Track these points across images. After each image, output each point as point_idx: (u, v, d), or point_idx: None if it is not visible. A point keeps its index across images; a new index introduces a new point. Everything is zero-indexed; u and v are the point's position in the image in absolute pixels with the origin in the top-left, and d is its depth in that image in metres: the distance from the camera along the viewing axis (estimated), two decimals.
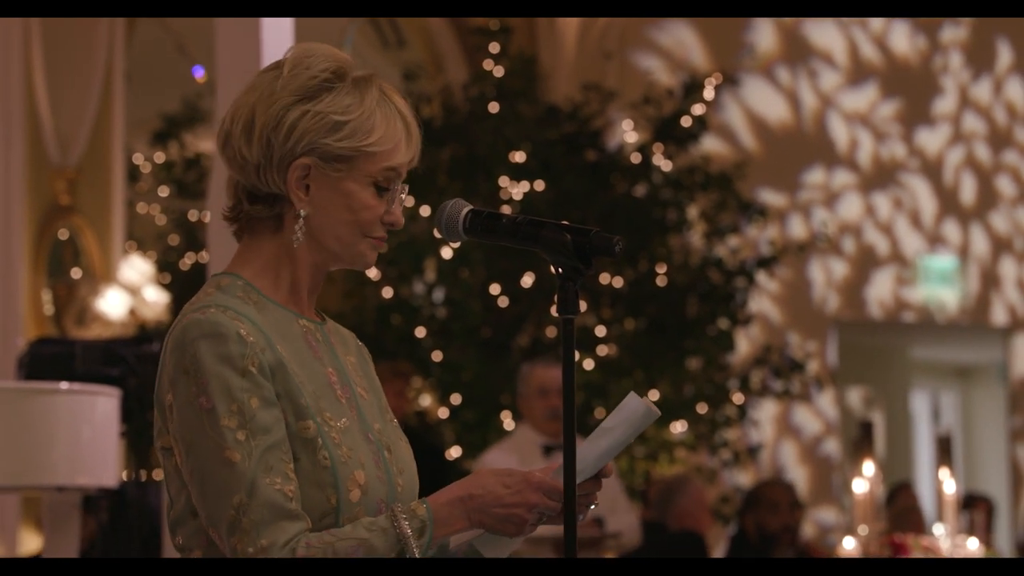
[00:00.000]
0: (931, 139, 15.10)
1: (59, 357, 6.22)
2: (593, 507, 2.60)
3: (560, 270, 2.54)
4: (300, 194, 2.58)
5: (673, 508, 7.85)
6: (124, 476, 7.19)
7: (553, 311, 11.22)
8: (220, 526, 2.45)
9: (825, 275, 14.42)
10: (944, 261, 15.15)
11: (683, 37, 13.61)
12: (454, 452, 9.96)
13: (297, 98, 2.56)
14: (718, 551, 10.82)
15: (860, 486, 7.48)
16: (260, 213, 2.61)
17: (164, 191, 13.09)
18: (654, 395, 10.07)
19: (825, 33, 14.51)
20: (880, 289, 14.78)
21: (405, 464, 2.65)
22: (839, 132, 14.60)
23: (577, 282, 2.53)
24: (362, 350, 2.76)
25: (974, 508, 9.14)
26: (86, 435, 5.43)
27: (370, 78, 2.61)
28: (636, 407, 2.54)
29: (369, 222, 2.61)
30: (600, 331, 10.38)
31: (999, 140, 15.48)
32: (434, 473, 2.50)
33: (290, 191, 2.57)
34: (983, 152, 15.39)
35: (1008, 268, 15.47)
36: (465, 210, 2.61)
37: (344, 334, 2.74)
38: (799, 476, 13.74)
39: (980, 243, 15.33)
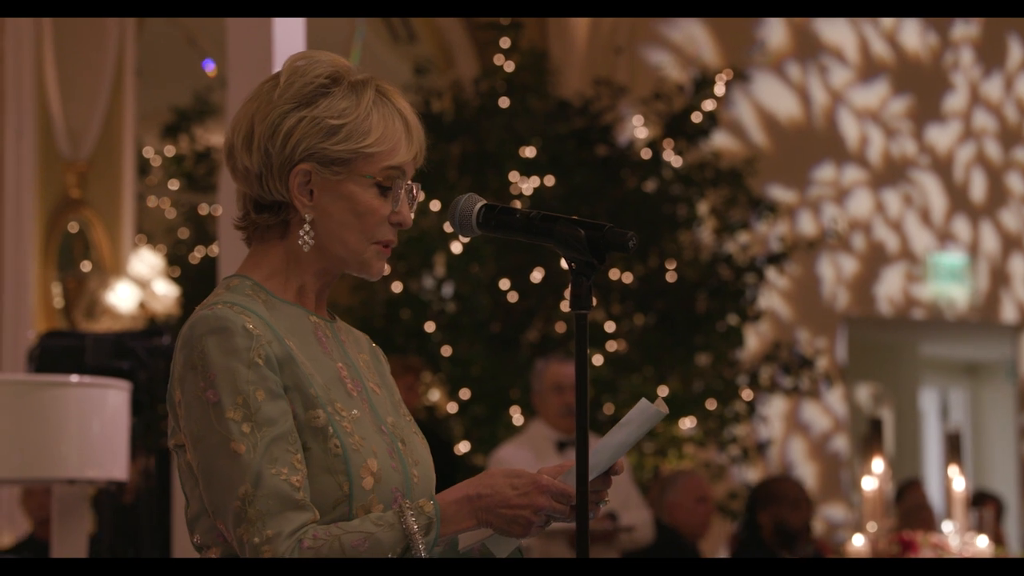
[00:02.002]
0: (941, 136, 15.09)
1: (69, 350, 6.22)
2: (603, 505, 2.61)
3: (573, 265, 2.53)
4: (304, 200, 2.59)
5: (664, 502, 7.86)
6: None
7: (563, 306, 11.29)
8: (227, 518, 2.46)
9: (835, 272, 14.41)
10: (954, 258, 15.13)
11: (694, 33, 13.60)
12: (463, 447, 9.97)
13: (293, 105, 2.57)
14: (720, 546, 10.81)
15: (869, 483, 7.48)
16: (267, 221, 2.62)
17: (174, 185, 13.11)
18: (663, 391, 10.07)
19: (836, 29, 14.50)
20: (890, 286, 14.77)
21: (420, 456, 2.65)
22: (849, 128, 14.58)
23: (590, 277, 2.53)
24: (376, 351, 2.77)
25: (983, 506, 9.13)
26: (96, 428, 5.43)
27: (367, 81, 2.61)
28: (645, 408, 2.55)
29: (374, 224, 2.61)
30: (610, 327, 10.38)
31: (1009, 137, 15.46)
32: (443, 468, 2.51)
33: (293, 197, 2.58)
34: (993, 149, 15.37)
35: (1018, 265, 15.45)
36: (479, 205, 2.61)
37: (357, 336, 2.75)
38: (808, 473, 13.74)
39: (990, 240, 15.31)
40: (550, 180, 10.28)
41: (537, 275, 10.14)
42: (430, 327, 10.14)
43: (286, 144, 2.57)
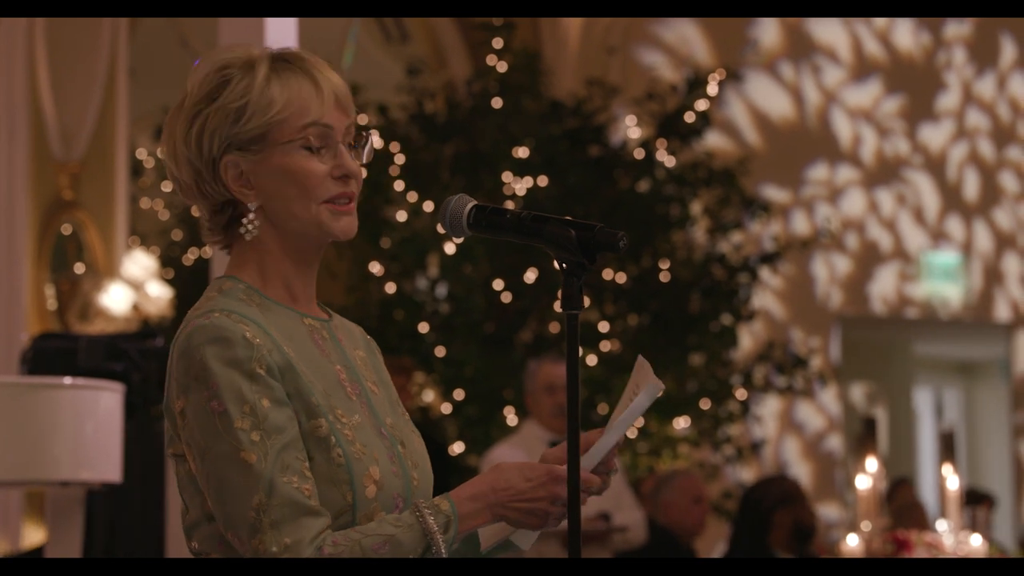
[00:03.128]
0: (934, 135, 15.10)
1: (62, 352, 6.21)
2: (613, 474, 2.60)
3: (564, 266, 2.53)
4: (244, 190, 2.57)
5: (659, 502, 7.85)
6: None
7: (556, 307, 11.26)
8: (240, 529, 2.43)
9: (828, 271, 14.42)
10: (947, 257, 15.15)
11: (686, 33, 13.60)
12: (457, 448, 9.96)
13: (200, 107, 2.58)
14: (716, 545, 10.81)
15: (863, 482, 7.48)
16: (224, 221, 2.61)
17: (167, 186, 13.08)
18: None
19: (828, 29, 14.51)
20: (883, 285, 14.78)
21: (419, 457, 2.64)
22: (842, 128, 14.59)
23: (581, 278, 2.53)
24: (370, 343, 2.75)
25: (977, 504, 9.14)
26: (89, 430, 5.43)
27: (259, 56, 2.59)
28: (650, 383, 2.55)
29: (315, 185, 2.56)
30: (603, 327, 10.38)
31: (1002, 136, 15.47)
32: (436, 469, 2.50)
33: (233, 191, 2.57)
34: (986, 148, 15.39)
35: (1011, 264, 15.46)
36: (469, 205, 2.60)
37: (351, 328, 2.73)
38: (802, 472, 13.75)
39: (983, 239, 15.32)
40: (543, 180, 10.28)
41: (531, 275, 10.14)
42: (424, 328, 10.13)
43: (201, 143, 2.56)
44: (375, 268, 10.25)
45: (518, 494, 2.50)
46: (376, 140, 2.72)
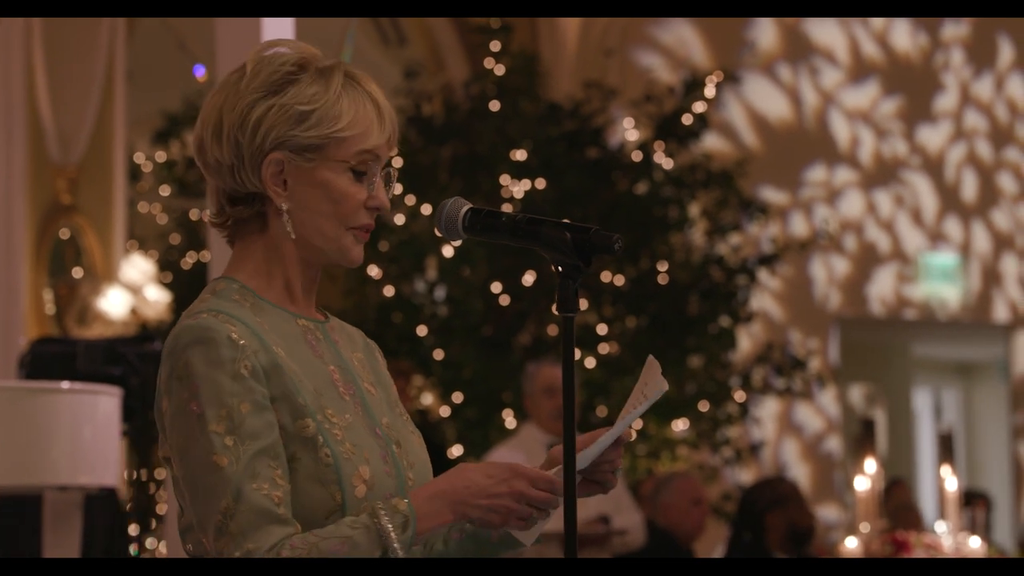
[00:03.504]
0: (932, 136, 15.10)
1: (60, 356, 6.22)
2: (618, 473, 2.60)
3: (560, 268, 2.53)
4: (278, 189, 2.56)
5: (659, 504, 7.85)
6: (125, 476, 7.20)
7: (555, 309, 11.27)
8: (208, 530, 2.44)
9: (826, 272, 14.42)
10: (945, 258, 15.15)
11: (684, 35, 13.61)
12: (456, 450, 9.96)
13: (261, 94, 2.54)
14: (716, 547, 10.81)
15: (862, 484, 7.48)
16: (243, 214, 2.59)
17: (165, 190, 13.09)
18: None
19: (826, 30, 14.51)
20: (882, 286, 14.78)
21: (416, 457, 2.63)
22: (840, 129, 14.59)
23: (577, 280, 2.52)
24: (370, 346, 2.74)
25: (975, 505, 9.14)
26: (88, 434, 5.43)
27: (335, 66, 2.58)
28: (656, 381, 2.55)
29: (350, 210, 2.57)
30: (602, 329, 10.38)
31: (1000, 137, 15.48)
32: (435, 470, 2.50)
33: (267, 187, 2.55)
34: (984, 149, 15.39)
35: (1009, 265, 15.47)
36: (464, 208, 2.60)
37: (351, 331, 2.72)
38: (801, 474, 13.74)
39: (981, 240, 15.33)
40: (541, 183, 10.28)
41: (529, 278, 10.14)
42: (422, 331, 10.14)
43: (256, 133, 2.53)
44: (373, 271, 10.25)
45: (479, 491, 2.48)
46: None
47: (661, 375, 2.55)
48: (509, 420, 9.86)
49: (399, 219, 10.22)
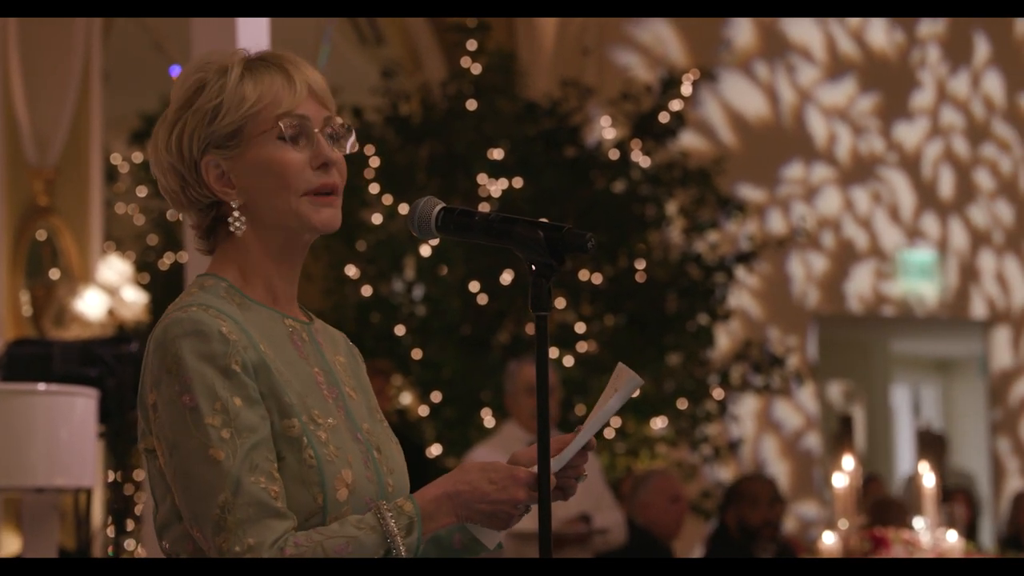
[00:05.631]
0: (909, 133, 15.13)
1: (37, 358, 6.20)
2: (581, 480, 2.60)
3: (533, 267, 2.53)
4: (226, 189, 2.58)
5: (636, 502, 7.87)
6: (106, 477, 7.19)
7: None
8: (205, 526, 2.43)
9: (804, 270, 14.45)
10: (923, 255, 15.18)
11: (661, 33, 13.62)
12: (435, 450, 9.96)
13: (179, 114, 2.60)
14: (695, 546, 10.83)
15: (840, 480, 7.50)
16: (207, 222, 2.63)
17: (142, 191, 13.06)
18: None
19: (803, 28, 14.54)
20: (860, 283, 14.81)
21: (395, 464, 2.64)
22: (817, 127, 14.62)
23: (550, 279, 2.53)
24: (353, 351, 2.75)
25: (954, 501, 9.16)
26: (64, 436, 5.41)
27: (231, 59, 2.60)
28: (626, 375, 2.55)
29: (293, 175, 2.57)
30: (580, 327, 10.38)
31: (977, 134, 15.51)
32: (414, 471, 2.50)
33: (216, 192, 2.59)
34: (961, 146, 15.43)
35: (987, 261, 15.51)
36: (437, 208, 2.60)
37: (334, 334, 2.73)
38: (780, 471, 13.77)
39: (959, 236, 15.36)
40: (519, 182, 10.29)
41: (507, 277, 10.14)
42: (400, 330, 10.13)
43: (182, 147, 2.58)
44: (351, 271, 10.24)
45: (482, 496, 2.50)
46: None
47: (632, 372, 2.56)
48: (488, 419, 9.86)
49: (377, 219, 10.22)
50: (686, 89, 10.88)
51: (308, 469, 2.48)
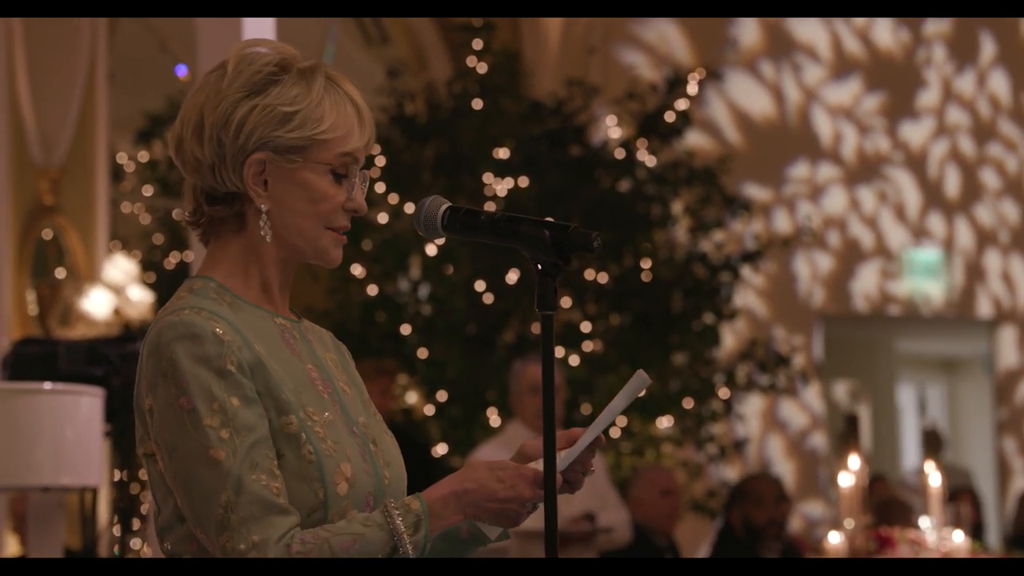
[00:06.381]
0: (915, 132, 15.12)
1: (43, 357, 6.20)
2: (588, 475, 2.61)
3: (539, 266, 2.53)
4: (259, 190, 2.56)
5: (630, 499, 7.87)
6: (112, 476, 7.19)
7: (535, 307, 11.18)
8: (208, 526, 2.43)
9: (810, 269, 14.44)
10: (929, 254, 15.17)
11: (666, 32, 13.61)
12: (440, 449, 9.96)
13: (243, 94, 2.54)
14: (701, 545, 10.82)
15: (846, 479, 7.49)
16: (221, 213, 2.59)
17: (148, 190, 13.06)
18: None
19: (808, 27, 14.53)
20: (865, 282, 14.80)
21: (391, 457, 2.64)
22: (823, 126, 14.61)
23: (556, 278, 2.53)
24: (340, 347, 2.76)
25: (959, 501, 9.16)
26: (70, 435, 5.42)
27: (316, 67, 2.59)
28: (636, 381, 2.56)
29: (330, 211, 2.59)
30: (585, 327, 10.38)
31: (983, 133, 15.50)
32: (420, 468, 2.50)
33: (248, 188, 2.56)
34: (967, 145, 15.42)
35: (993, 260, 15.49)
36: (443, 207, 2.60)
37: (321, 332, 2.74)
38: (786, 470, 13.76)
39: (965, 236, 15.35)
40: (524, 181, 10.28)
41: (512, 276, 10.14)
42: (406, 330, 10.13)
43: (239, 133, 2.54)
44: (356, 270, 10.24)
45: (490, 495, 2.50)
46: None
47: (643, 373, 2.56)
48: (493, 418, 9.86)
49: (382, 218, 10.22)
50: (692, 88, 10.87)
51: (308, 465, 2.48)
